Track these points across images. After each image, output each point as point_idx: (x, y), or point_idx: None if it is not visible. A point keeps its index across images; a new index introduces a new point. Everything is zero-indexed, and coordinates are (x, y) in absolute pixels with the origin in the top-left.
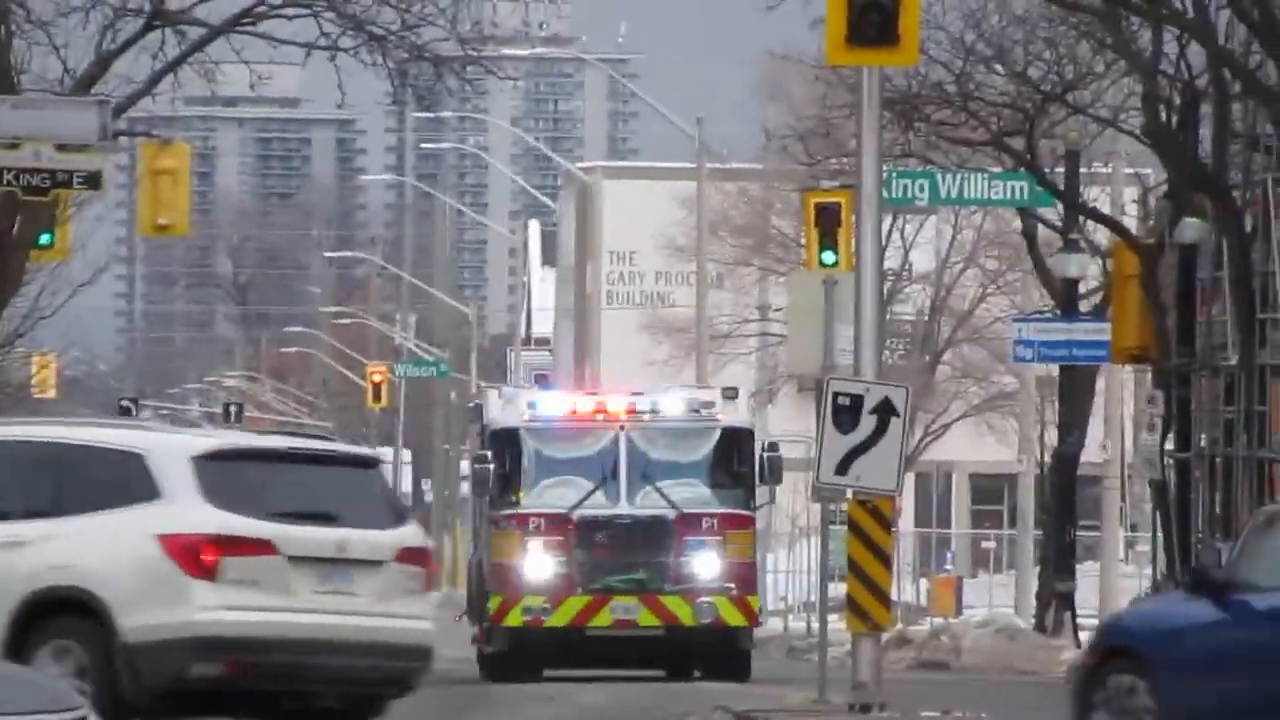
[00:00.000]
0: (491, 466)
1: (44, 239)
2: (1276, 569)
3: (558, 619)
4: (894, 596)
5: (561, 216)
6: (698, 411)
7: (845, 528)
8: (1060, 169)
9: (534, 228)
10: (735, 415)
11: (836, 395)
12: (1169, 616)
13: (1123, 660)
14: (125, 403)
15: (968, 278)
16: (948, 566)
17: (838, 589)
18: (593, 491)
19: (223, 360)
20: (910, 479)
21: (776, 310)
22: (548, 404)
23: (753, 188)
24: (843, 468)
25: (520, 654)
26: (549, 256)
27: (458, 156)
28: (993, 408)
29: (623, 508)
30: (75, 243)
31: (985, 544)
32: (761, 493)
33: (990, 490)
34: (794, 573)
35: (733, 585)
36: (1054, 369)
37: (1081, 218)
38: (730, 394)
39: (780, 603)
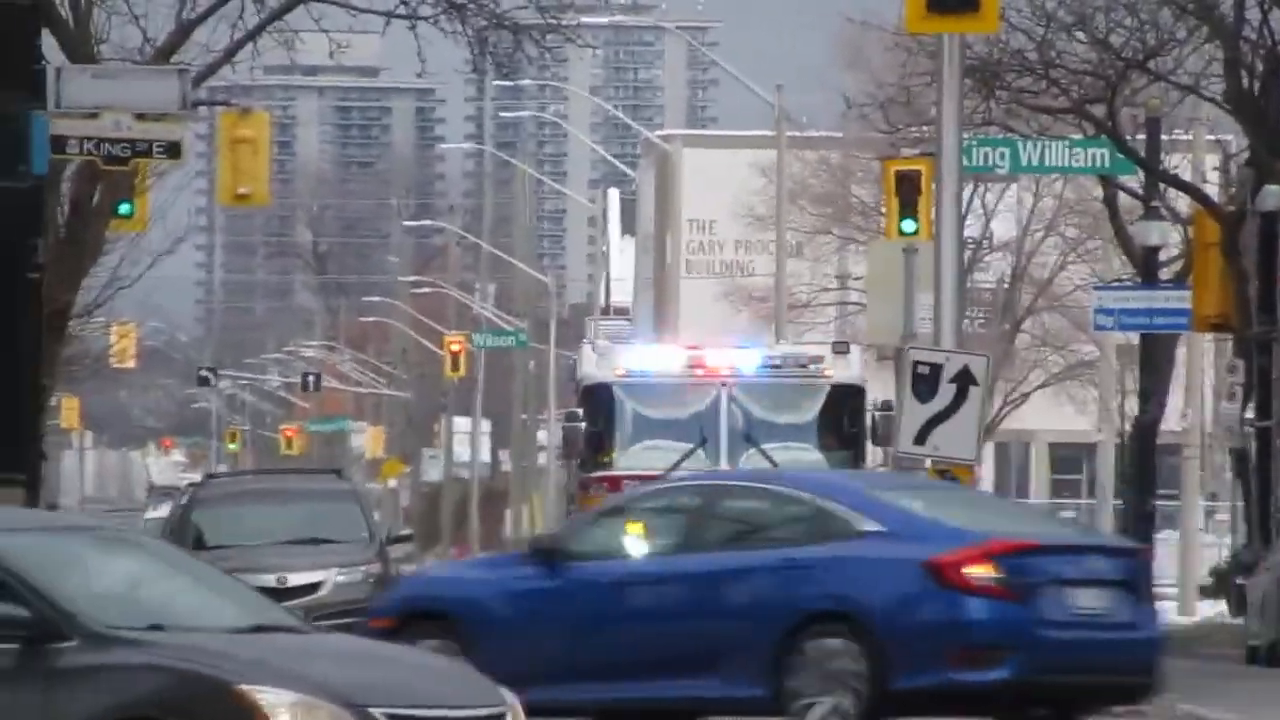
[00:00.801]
0: (582, 425)
1: (123, 209)
2: (602, 540)
3: None
4: None
5: (641, 185)
6: (805, 367)
7: None
8: (1141, 136)
9: (613, 197)
10: (846, 371)
11: (916, 364)
12: (489, 581)
13: (428, 623)
14: (204, 372)
15: (1048, 246)
16: None
17: None
18: (691, 453)
19: (301, 330)
20: (989, 448)
21: (856, 279)
22: (642, 358)
23: (832, 156)
24: (921, 437)
25: None
26: (628, 226)
27: (537, 125)
28: (1072, 376)
29: (723, 470)
30: (154, 212)
31: (1064, 513)
32: (874, 455)
33: (1069, 459)
34: None
35: None
36: (1134, 337)
37: (1163, 185)
38: (841, 349)
39: None
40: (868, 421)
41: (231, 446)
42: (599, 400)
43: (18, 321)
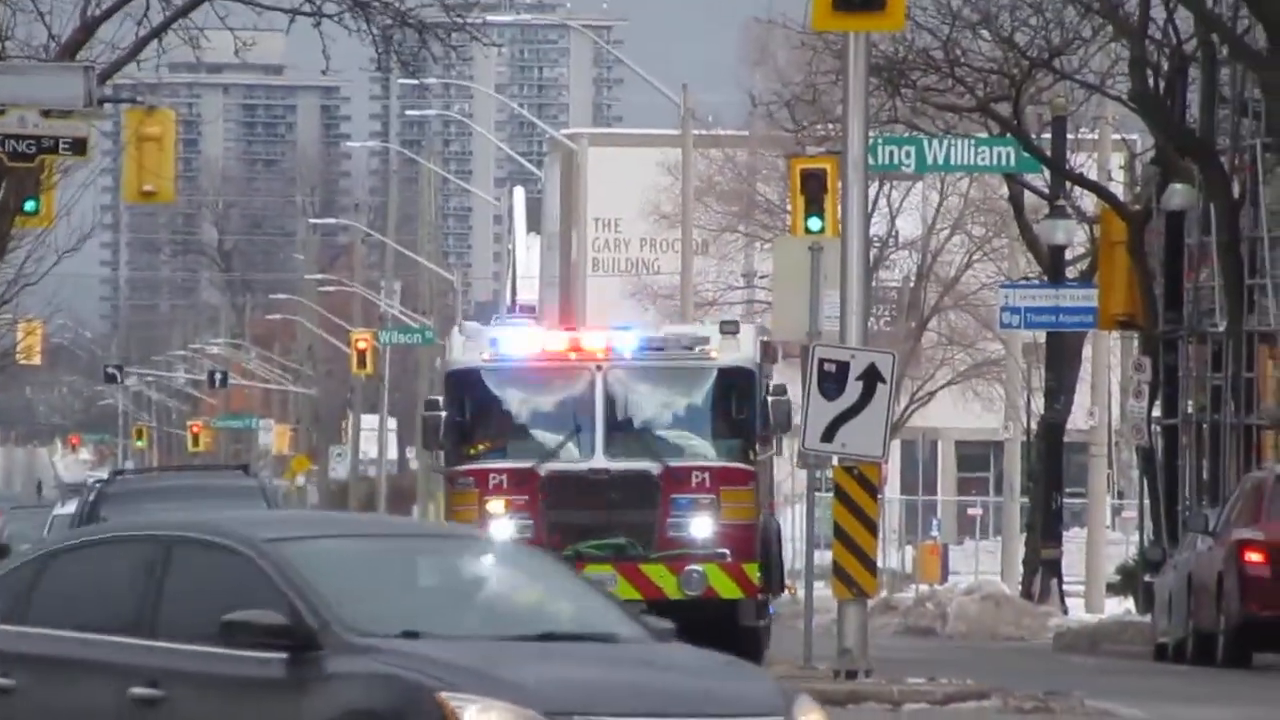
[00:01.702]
0: (443, 415)
1: (29, 205)
2: None
3: None
4: (880, 563)
5: (546, 183)
6: (690, 349)
7: (831, 495)
8: (1047, 135)
9: (519, 195)
10: (735, 353)
11: (822, 362)
12: None
13: None
14: (111, 370)
15: (954, 244)
16: (933, 533)
17: (823, 556)
18: (564, 443)
19: (207, 327)
20: (896, 446)
21: (762, 277)
22: (512, 341)
23: (738, 154)
24: (829, 434)
25: None
26: (534, 223)
27: (442, 123)
28: (979, 374)
29: (598, 461)
30: (60, 209)
31: (971, 511)
32: (768, 444)
33: (976, 457)
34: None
35: (726, 551)
36: (1041, 336)
37: (1068, 184)
38: (730, 329)
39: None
40: (758, 407)
41: (139, 443)
42: (465, 387)
43: None
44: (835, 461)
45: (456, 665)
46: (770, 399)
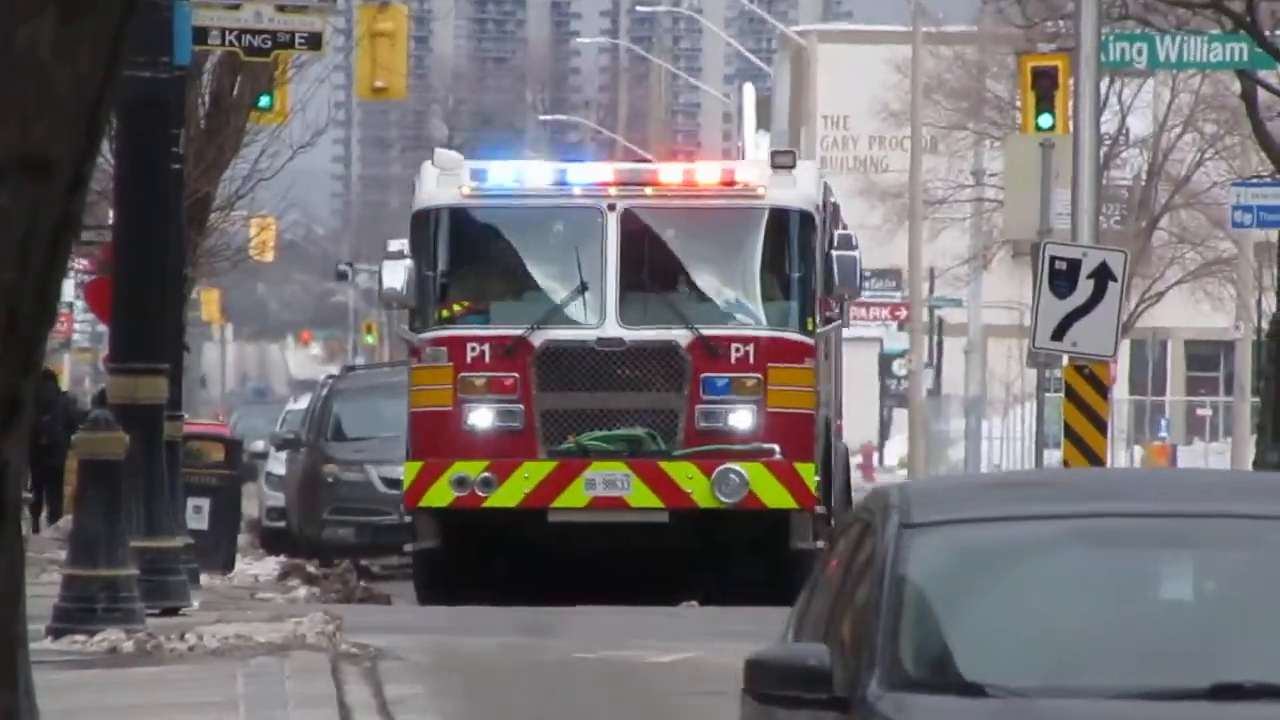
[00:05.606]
0: (407, 265)
1: (263, 101)
2: None
3: (505, 496)
4: (1108, 463)
5: (775, 80)
6: (730, 185)
7: (1060, 394)
8: None
9: (748, 91)
10: (789, 191)
11: (1054, 259)
12: None
13: None
14: (343, 267)
15: (1185, 142)
16: (1162, 434)
17: (1052, 456)
18: (565, 304)
19: None
20: (1125, 345)
21: (991, 175)
22: (500, 173)
23: (968, 51)
24: (1059, 333)
25: (449, 551)
26: (763, 120)
27: (672, 20)
28: (1210, 274)
29: (610, 328)
30: (294, 105)
31: (1200, 411)
32: (832, 312)
33: (1206, 357)
34: (1008, 439)
35: (775, 447)
36: (1273, 234)
37: None
38: (784, 161)
39: (995, 470)
40: (818, 261)
41: (369, 339)
42: (439, 231)
43: (163, 212)
44: (1065, 360)
45: None
46: (836, 253)
